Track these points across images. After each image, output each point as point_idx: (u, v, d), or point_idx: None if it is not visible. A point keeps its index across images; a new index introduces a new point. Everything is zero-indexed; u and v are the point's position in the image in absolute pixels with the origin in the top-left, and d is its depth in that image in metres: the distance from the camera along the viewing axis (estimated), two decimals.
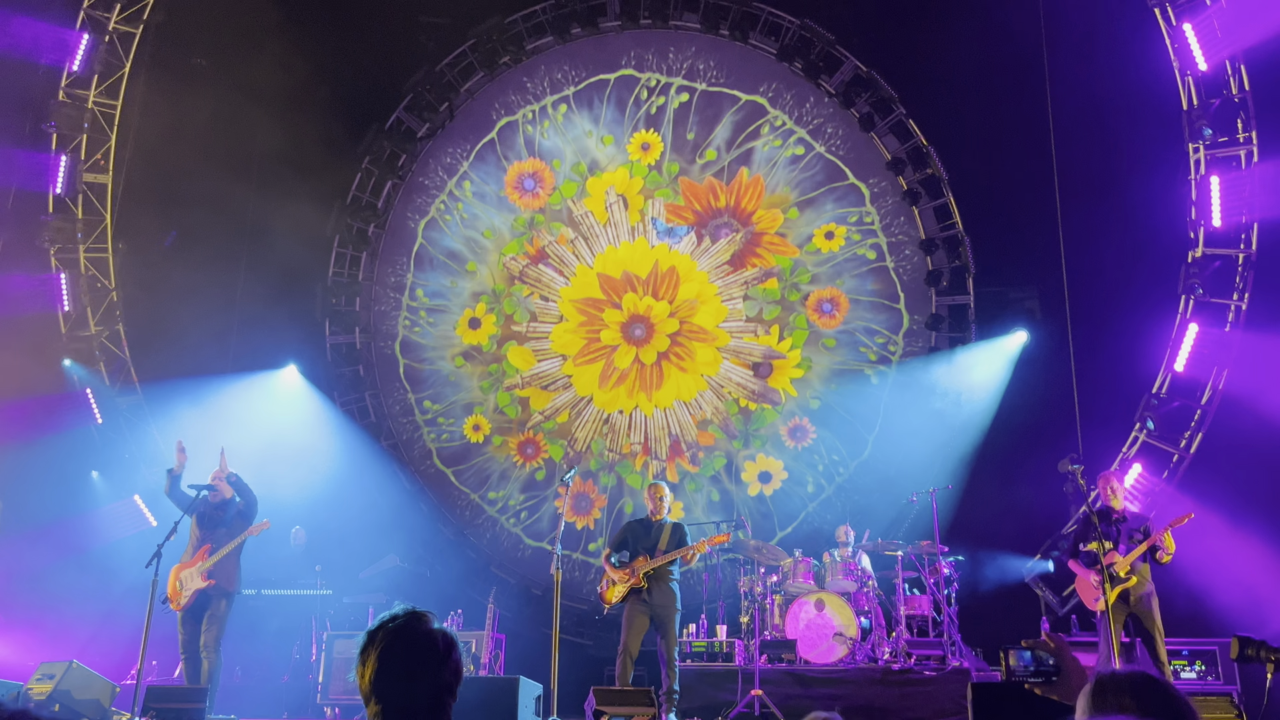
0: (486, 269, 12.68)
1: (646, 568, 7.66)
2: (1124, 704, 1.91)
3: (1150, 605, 7.30)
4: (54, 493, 10.40)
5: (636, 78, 12.65)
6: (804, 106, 12.28)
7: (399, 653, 2.23)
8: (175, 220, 11.33)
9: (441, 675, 2.25)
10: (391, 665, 2.22)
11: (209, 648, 7.50)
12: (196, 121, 11.08)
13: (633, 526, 8.07)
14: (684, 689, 8.51)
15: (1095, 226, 10.52)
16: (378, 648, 2.24)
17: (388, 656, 2.23)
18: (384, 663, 2.22)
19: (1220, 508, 8.82)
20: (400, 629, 2.27)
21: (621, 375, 12.34)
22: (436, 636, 2.27)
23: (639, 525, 8.03)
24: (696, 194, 12.42)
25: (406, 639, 2.25)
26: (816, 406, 11.94)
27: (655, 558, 7.68)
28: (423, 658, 2.24)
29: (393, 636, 2.25)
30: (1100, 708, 1.93)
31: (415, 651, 2.24)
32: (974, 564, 9.90)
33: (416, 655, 2.24)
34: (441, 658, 2.25)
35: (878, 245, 12.03)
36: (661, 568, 7.69)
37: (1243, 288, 9.94)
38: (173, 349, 10.98)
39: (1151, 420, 10.13)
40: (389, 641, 2.25)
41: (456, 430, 12.48)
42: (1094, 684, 2.00)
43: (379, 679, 2.22)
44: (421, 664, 2.24)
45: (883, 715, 8.05)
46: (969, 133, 11.29)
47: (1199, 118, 9.95)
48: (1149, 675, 1.98)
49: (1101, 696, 1.96)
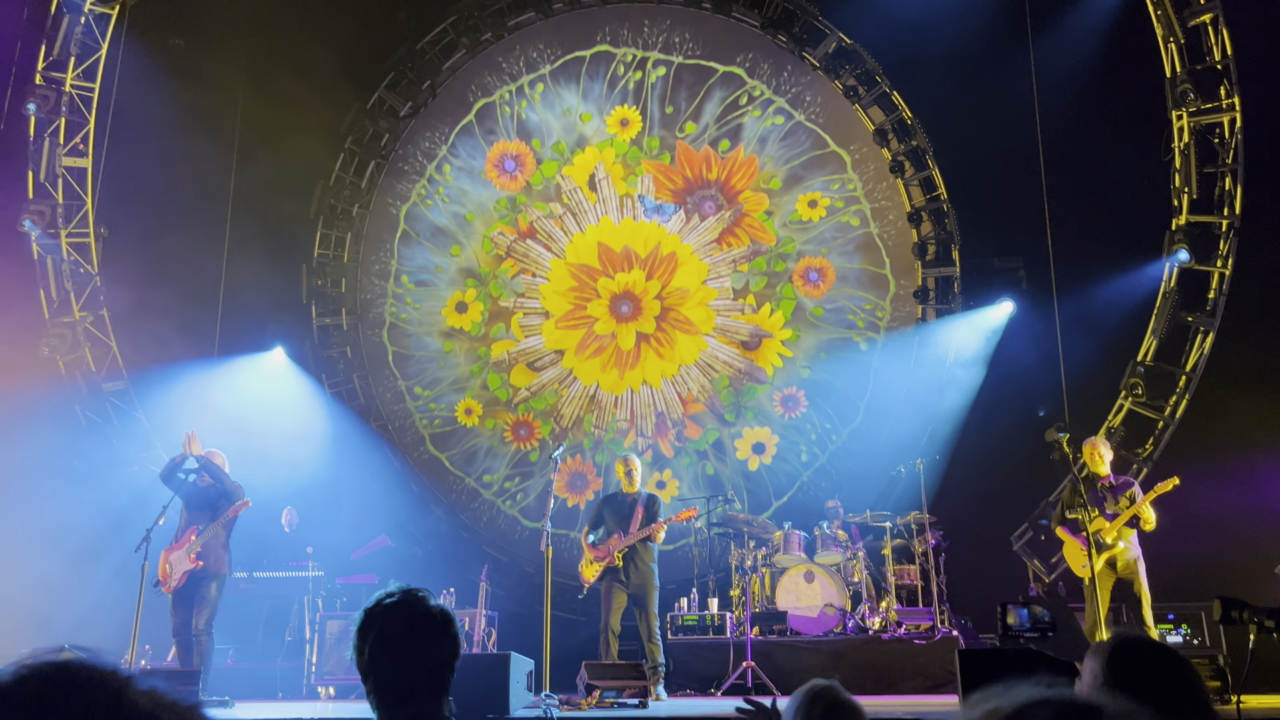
0: (471, 251, 12.63)
1: (620, 546, 7.63)
2: (1143, 677, 1.88)
3: (1137, 570, 7.38)
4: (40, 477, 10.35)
5: (613, 53, 12.57)
6: (782, 76, 12.24)
7: (397, 629, 2.23)
8: (156, 203, 11.23)
9: (440, 651, 2.25)
10: (390, 642, 2.22)
11: (201, 631, 7.51)
12: (176, 103, 10.97)
13: (607, 502, 8.01)
14: (676, 662, 8.58)
15: (1080, 195, 10.54)
16: (375, 625, 2.24)
17: (385, 633, 2.22)
18: (382, 640, 2.22)
19: (1206, 472, 8.89)
20: (397, 606, 2.26)
21: (601, 346, 12.31)
22: (434, 613, 2.26)
23: (613, 501, 7.97)
24: (691, 161, 12.36)
25: (404, 616, 2.24)
26: (807, 375, 11.97)
27: (628, 534, 7.65)
28: (421, 634, 2.24)
29: (390, 613, 2.24)
30: (1119, 678, 1.90)
31: (413, 628, 2.23)
32: (962, 533, 9.97)
33: (414, 632, 2.23)
34: (440, 633, 2.25)
35: (861, 212, 12.04)
36: (639, 543, 7.68)
37: (1226, 254, 9.99)
38: (158, 333, 10.91)
39: (1140, 385, 10.19)
40: (386, 618, 2.24)
41: (448, 415, 12.46)
42: (1110, 651, 1.97)
43: (376, 656, 2.21)
44: (420, 640, 2.23)
45: (873, 684, 8.13)
46: (953, 103, 11.27)
47: (1182, 84, 9.95)
48: (1168, 649, 1.94)
49: (1118, 664, 1.93)
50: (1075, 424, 9.79)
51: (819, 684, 2.28)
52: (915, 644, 8.33)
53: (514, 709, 5.66)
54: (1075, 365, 10.34)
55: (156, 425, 10.96)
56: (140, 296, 10.81)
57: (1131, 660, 1.92)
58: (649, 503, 7.86)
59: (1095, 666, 1.94)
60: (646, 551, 7.74)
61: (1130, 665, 1.91)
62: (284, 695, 8.86)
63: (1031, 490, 10.49)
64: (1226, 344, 9.93)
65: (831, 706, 2.20)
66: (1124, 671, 1.90)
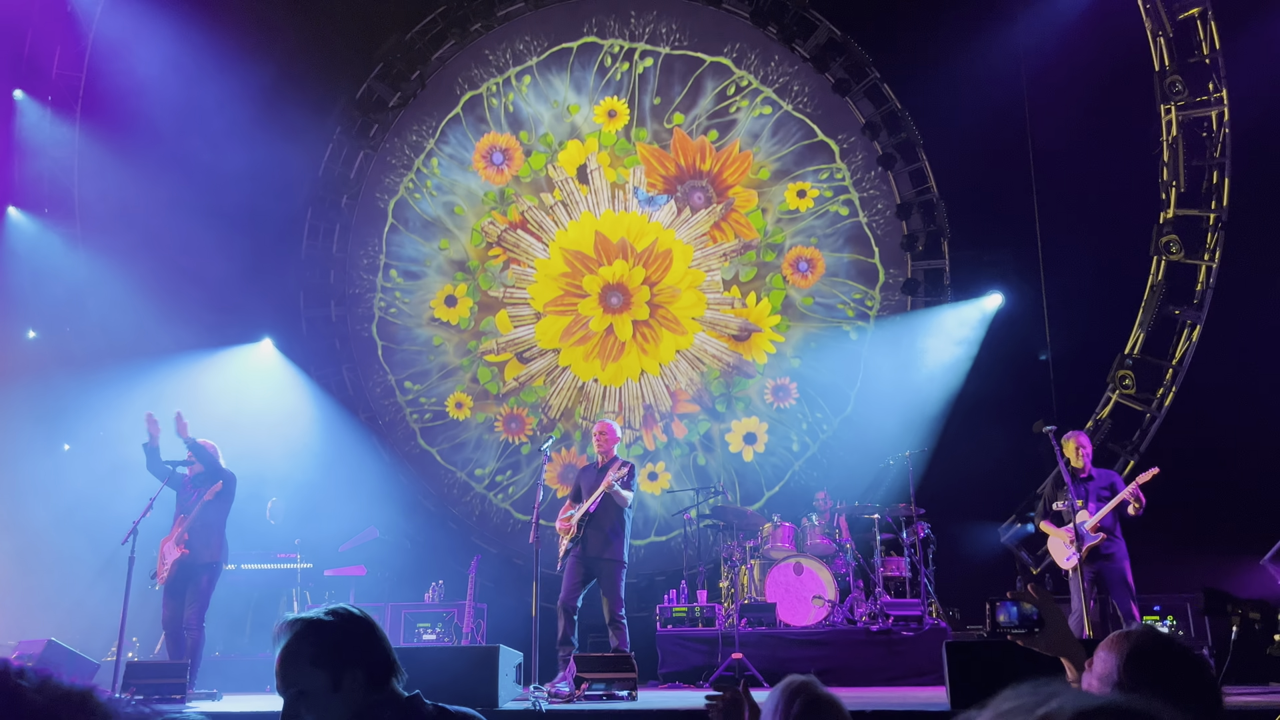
0: (460, 244, 12.59)
1: (579, 512, 7.22)
2: (1164, 677, 1.82)
3: (1121, 562, 7.43)
4: (27, 472, 10.31)
5: (599, 44, 12.54)
6: (769, 66, 12.23)
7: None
8: (143, 192, 11.15)
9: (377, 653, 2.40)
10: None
11: (191, 624, 7.48)
12: (165, 90, 10.89)
13: (583, 474, 7.63)
14: (665, 654, 8.60)
15: (1069, 188, 10.58)
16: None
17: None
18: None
19: (1192, 464, 8.96)
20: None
21: (587, 335, 12.30)
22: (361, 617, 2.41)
23: (587, 471, 7.58)
24: (686, 149, 12.32)
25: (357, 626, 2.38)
26: (797, 365, 11.98)
27: (586, 499, 7.23)
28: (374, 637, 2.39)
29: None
30: (1138, 679, 1.84)
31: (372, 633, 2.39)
32: (950, 526, 10.01)
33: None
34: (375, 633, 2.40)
35: (850, 201, 12.05)
36: (600, 515, 7.25)
37: (1214, 247, 10.04)
38: (146, 324, 10.86)
39: (1128, 378, 10.25)
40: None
41: (439, 409, 12.43)
42: (1132, 649, 1.89)
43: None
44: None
45: (862, 676, 8.17)
46: (943, 96, 11.27)
47: (1171, 78, 9.99)
48: (1189, 651, 1.89)
49: (1140, 664, 1.86)
50: (1062, 417, 9.84)
51: (796, 679, 2.28)
52: (903, 636, 8.37)
53: (502, 701, 5.67)
54: (1063, 357, 10.39)
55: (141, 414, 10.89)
56: (127, 287, 10.75)
57: (1153, 661, 1.86)
58: (620, 469, 7.43)
59: (1112, 663, 1.91)
60: (611, 521, 7.31)
61: (1151, 666, 1.85)
62: (271, 688, 8.85)
63: (1019, 483, 10.54)
64: (1213, 337, 9.98)
65: (810, 702, 2.20)
66: (1143, 672, 1.85)
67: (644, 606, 10.40)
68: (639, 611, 10.47)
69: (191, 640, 7.45)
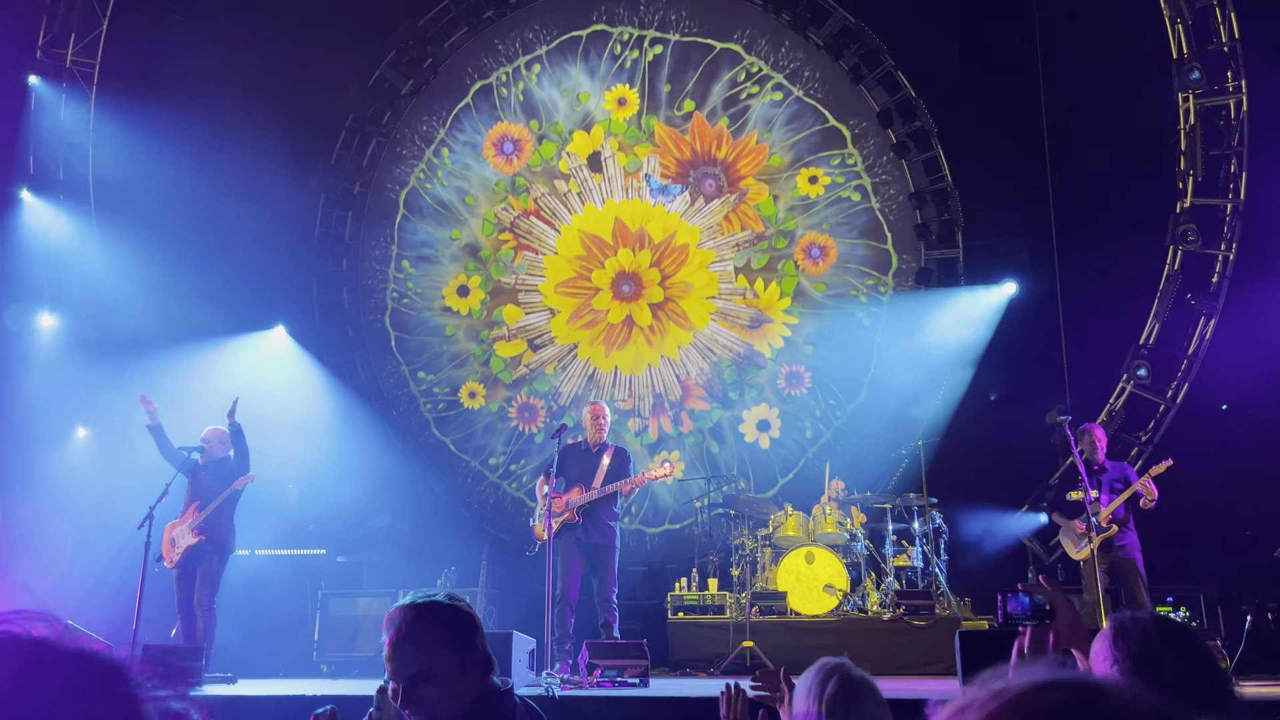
0: (471, 231, 12.59)
1: (581, 501, 7.08)
2: (1151, 649, 1.84)
3: (1133, 554, 7.42)
4: (42, 458, 10.38)
5: (609, 32, 12.50)
6: (779, 51, 12.18)
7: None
8: (156, 179, 11.18)
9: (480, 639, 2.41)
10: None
11: (203, 606, 7.55)
12: (175, 78, 10.92)
13: (570, 451, 7.43)
14: (676, 642, 8.63)
15: (1085, 178, 10.51)
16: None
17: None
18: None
19: (1206, 455, 8.91)
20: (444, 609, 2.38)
21: (594, 319, 12.29)
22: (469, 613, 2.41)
23: (576, 450, 7.40)
24: (703, 134, 12.28)
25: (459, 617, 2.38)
26: (810, 352, 11.96)
27: (591, 489, 7.11)
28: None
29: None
30: (1129, 659, 1.85)
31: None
32: (962, 516, 9.99)
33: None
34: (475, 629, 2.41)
35: (862, 187, 12.00)
36: (600, 502, 7.15)
37: (1230, 238, 9.97)
38: (159, 312, 10.90)
39: (1143, 369, 10.19)
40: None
41: (452, 399, 12.46)
42: (1115, 630, 1.92)
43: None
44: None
45: (873, 665, 8.12)
46: (958, 85, 11.22)
47: (1188, 66, 9.90)
48: (1182, 627, 1.90)
49: (1124, 645, 1.88)
50: (1077, 407, 9.81)
51: (830, 661, 2.31)
52: (914, 625, 8.37)
53: (516, 687, 5.69)
54: (1077, 347, 10.34)
55: (157, 403, 10.95)
56: (141, 273, 10.79)
57: (1143, 640, 1.86)
58: (617, 456, 7.28)
59: (1104, 648, 1.92)
60: (610, 510, 7.21)
61: (1142, 645, 1.86)
62: (285, 673, 8.91)
63: (1032, 473, 10.51)
64: (1230, 328, 9.91)
65: (844, 681, 2.24)
66: (1136, 652, 1.85)
67: (656, 594, 10.43)
68: (650, 599, 10.51)
69: (204, 623, 7.52)
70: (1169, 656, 1.83)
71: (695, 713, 5.28)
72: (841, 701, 2.20)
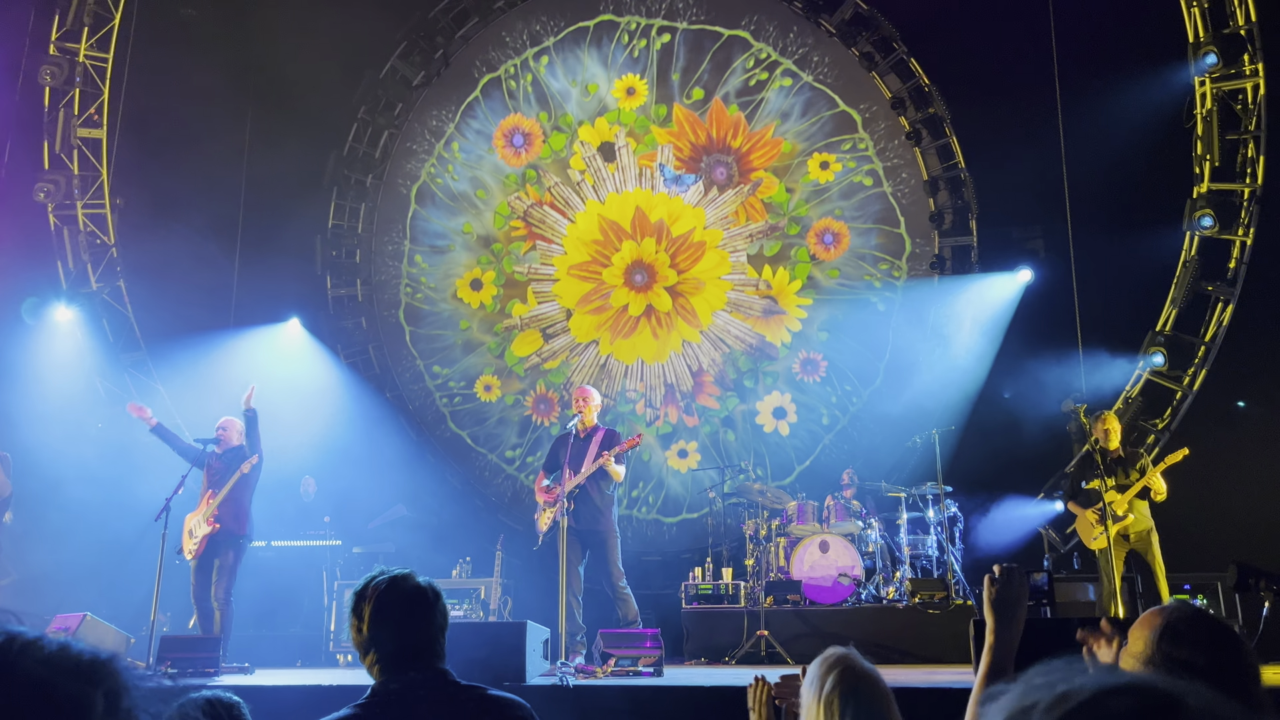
0: (484, 225, 12.60)
1: (570, 485, 7.05)
2: (1198, 652, 1.78)
3: (1150, 541, 7.38)
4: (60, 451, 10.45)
5: (616, 22, 12.46)
6: (788, 37, 12.11)
7: (390, 603, 2.44)
8: (172, 173, 11.23)
9: (433, 618, 2.47)
10: (387, 618, 2.43)
11: (220, 598, 7.60)
12: (188, 73, 10.94)
13: (562, 441, 7.41)
14: (689, 632, 8.63)
15: (1100, 164, 10.41)
16: (370, 602, 2.45)
17: (381, 607, 2.43)
18: (378, 613, 2.43)
19: (1224, 443, 8.86)
20: (390, 584, 2.47)
21: (603, 305, 12.28)
22: (424, 588, 2.49)
23: (567, 439, 7.36)
24: (720, 121, 12.23)
25: (397, 593, 2.46)
26: (825, 339, 11.92)
27: (579, 472, 7.09)
28: (412, 606, 2.45)
29: (384, 591, 2.45)
30: (1172, 655, 1.80)
31: (406, 602, 2.45)
32: (977, 504, 9.96)
33: (407, 605, 2.45)
34: (431, 604, 2.47)
35: (874, 171, 11.94)
36: (590, 484, 7.14)
37: (1248, 223, 9.87)
38: (174, 304, 10.96)
39: (1159, 355, 10.12)
40: (382, 596, 2.45)
41: (468, 392, 12.48)
42: (1165, 624, 1.85)
43: (375, 631, 2.42)
44: (413, 611, 2.45)
45: (888, 654, 8.15)
46: (971, 70, 11.12)
47: (1205, 50, 9.80)
48: (1224, 624, 1.84)
49: (1174, 640, 1.82)
50: (1093, 394, 9.75)
51: (836, 652, 2.30)
52: (929, 614, 8.35)
53: (530, 677, 5.71)
54: (1093, 335, 10.27)
55: (174, 395, 11.04)
56: (157, 267, 10.85)
57: (1188, 637, 1.82)
58: (606, 437, 7.25)
59: (1146, 639, 1.87)
60: (601, 494, 7.20)
61: (1186, 642, 1.81)
62: (303, 663, 8.97)
63: (1047, 461, 10.46)
64: (1247, 314, 9.83)
65: (848, 674, 2.22)
66: (1177, 648, 1.81)
67: (670, 583, 10.44)
68: (665, 588, 10.52)
69: (221, 614, 7.57)
70: (1205, 649, 1.78)
71: (709, 702, 5.28)
72: (840, 697, 2.19)
